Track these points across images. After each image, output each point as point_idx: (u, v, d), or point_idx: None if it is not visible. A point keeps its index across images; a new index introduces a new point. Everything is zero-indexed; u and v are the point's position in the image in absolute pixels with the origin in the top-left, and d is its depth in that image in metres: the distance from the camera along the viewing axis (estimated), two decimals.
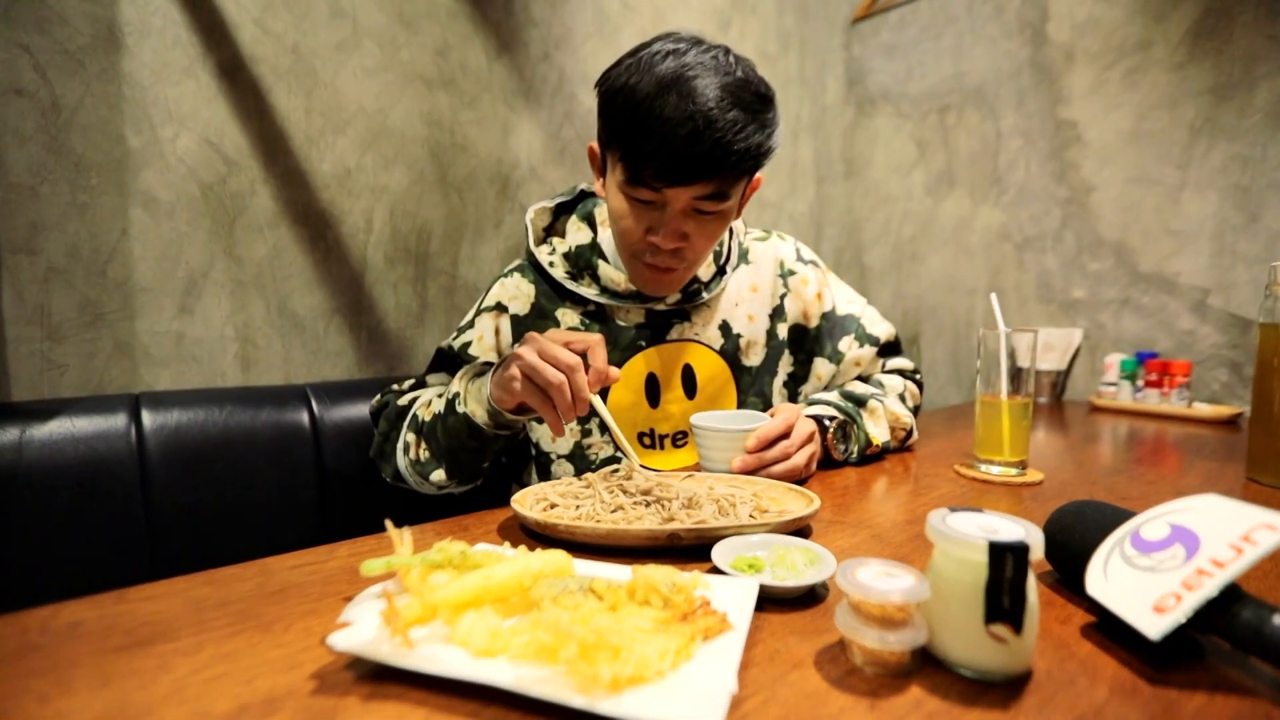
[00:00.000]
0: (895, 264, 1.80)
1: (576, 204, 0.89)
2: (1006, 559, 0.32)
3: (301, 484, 0.95)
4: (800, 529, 0.55)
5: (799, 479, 0.71)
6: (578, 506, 0.56)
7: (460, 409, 0.67)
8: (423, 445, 0.73)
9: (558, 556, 0.39)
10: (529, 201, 1.30)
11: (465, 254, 1.23)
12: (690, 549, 0.50)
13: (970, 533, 0.34)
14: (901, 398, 0.91)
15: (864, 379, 0.94)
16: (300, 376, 1.06)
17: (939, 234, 1.72)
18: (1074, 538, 0.43)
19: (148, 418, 0.86)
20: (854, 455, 0.80)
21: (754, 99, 0.67)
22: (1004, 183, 1.58)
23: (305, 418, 0.96)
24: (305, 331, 1.06)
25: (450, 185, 1.21)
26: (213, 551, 0.87)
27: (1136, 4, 1.37)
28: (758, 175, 0.81)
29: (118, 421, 0.84)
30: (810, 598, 0.43)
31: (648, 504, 0.54)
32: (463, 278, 1.23)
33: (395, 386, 0.86)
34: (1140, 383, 1.30)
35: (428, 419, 0.73)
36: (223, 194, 0.97)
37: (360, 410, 1.00)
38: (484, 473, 0.75)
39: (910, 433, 0.87)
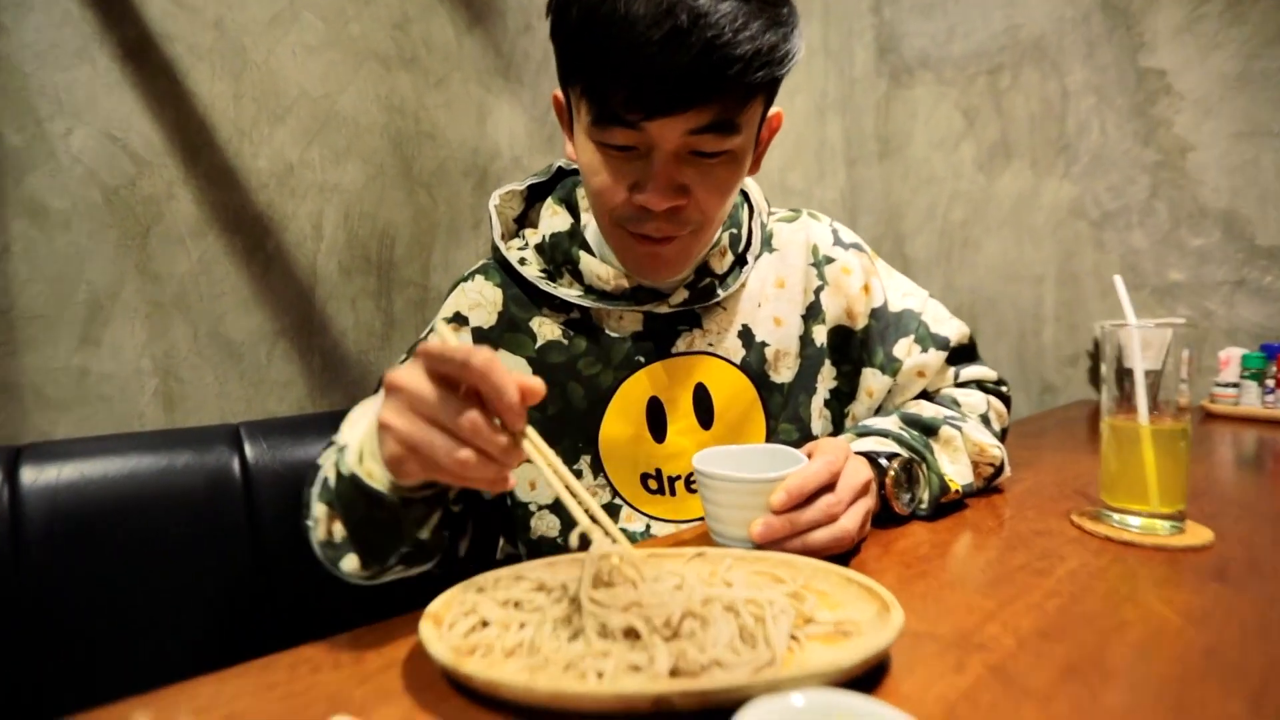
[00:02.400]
0: (944, 253, 1.57)
1: (553, 185, 0.70)
2: None
3: (230, 552, 0.77)
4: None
5: (848, 549, 0.50)
6: (521, 627, 0.37)
7: (347, 468, 0.45)
8: (336, 520, 0.51)
9: None
10: None
11: (437, 261, 1.05)
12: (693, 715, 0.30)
13: None
14: (985, 420, 0.69)
15: (930, 396, 0.72)
16: (239, 414, 0.89)
17: (995, 215, 1.48)
18: None
19: (29, 475, 0.69)
20: (924, 507, 0.59)
21: None
22: (1074, 150, 1.34)
23: (235, 465, 0.79)
24: (243, 360, 0.89)
25: (416, 180, 1.03)
26: (110, 653, 0.70)
27: None
28: (776, 109, 0.60)
29: None
30: None
31: (626, 630, 0.34)
32: (435, 289, 1.05)
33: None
34: (1271, 383, 1.05)
35: (334, 481, 0.52)
36: (132, 199, 0.81)
37: (311, 452, 0.82)
38: (424, 554, 0.54)
39: (999, 469, 0.65)
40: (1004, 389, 0.74)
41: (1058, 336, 1.40)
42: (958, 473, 0.61)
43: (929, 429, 0.62)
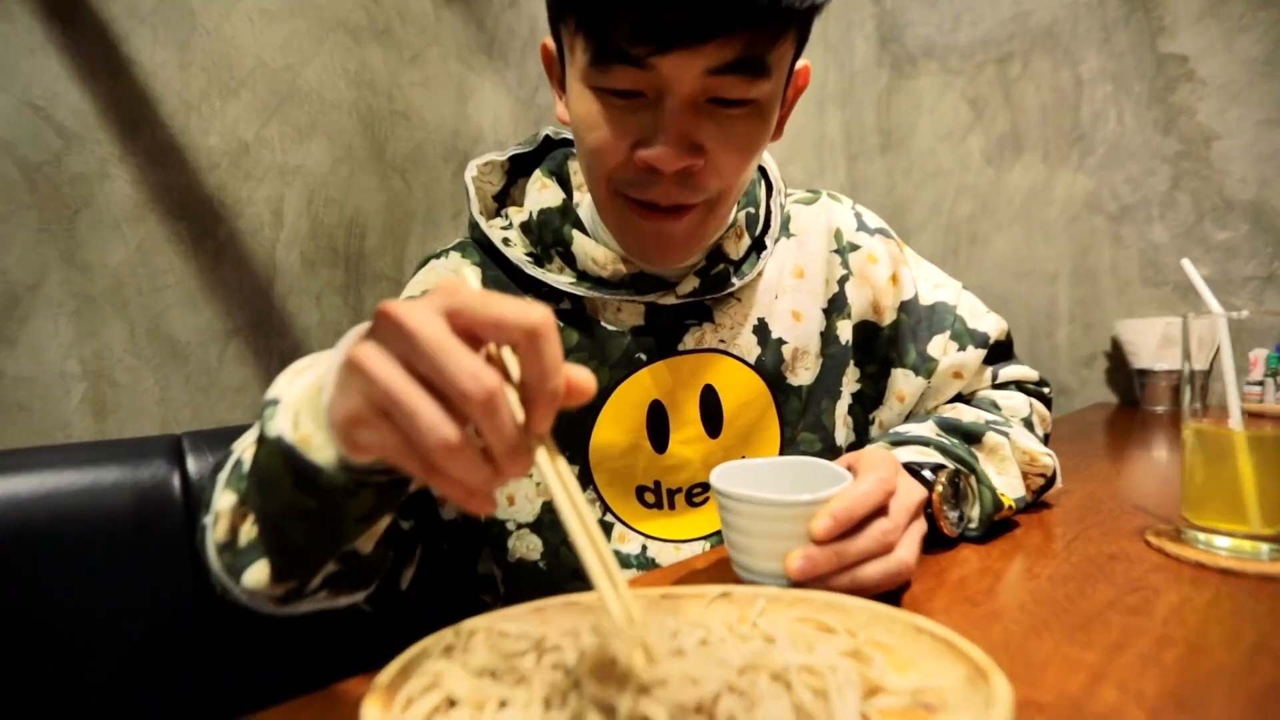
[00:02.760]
0: (951, 249, 1.50)
1: (540, 158, 0.61)
2: None
3: (165, 583, 0.67)
4: None
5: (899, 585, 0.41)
6: (502, 706, 0.27)
7: (274, 431, 0.33)
8: (246, 514, 0.39)
9: None
10: None
11: (413, 252, 0.96)
12: None
13: None
14: (1028, 425, 0.60)
15: (965, 399, 0.64)
16: (184, 423, 0.78)
17: (1005, 209, 1.41)
18: None
19: None
20: (974, 526, 0.50)
21: None
22: (1089, 140, 1.28)
23: (175, 481, 0.69)
24: (190, 361, 0.79)
25: (389, 164, 0.94)
26: (28, 698, 0.59)
27: None
28: (804, 61, 0.52)
29: None
30: None
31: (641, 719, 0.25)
32: None
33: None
34: None
35: (248, 463, 0.39)
36: (57, 178, 0.71)
37: None
38: (359, 575, 0.41)
39: (1051, 480, 0.57)
40: (1046, 390, 0.66)
41: (1073, 336, 1.33)
42: (1008, 485, 0.52)
43: (971, 436, 0.54)
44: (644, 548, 0.56)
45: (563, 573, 0.56)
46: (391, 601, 0.50)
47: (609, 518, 0.56)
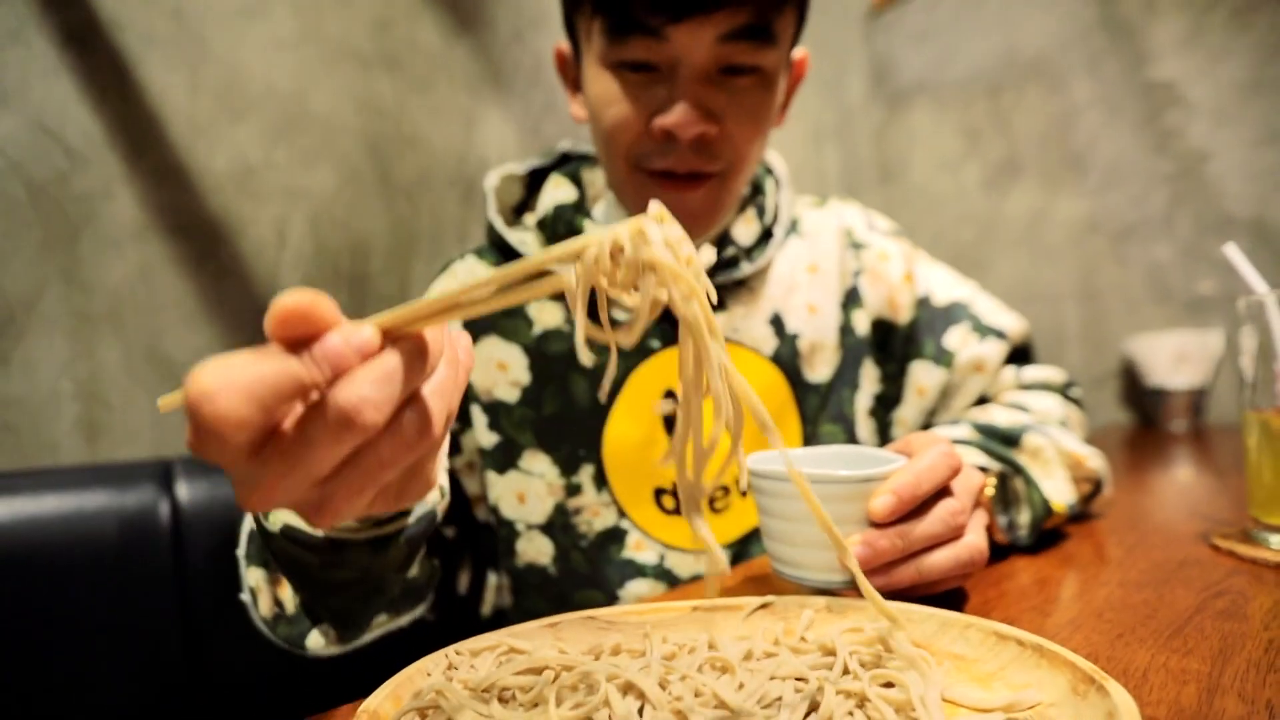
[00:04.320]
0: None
1: (556, 170, 0.61)
2: None
3: (151, 613, 0.62)
4: None
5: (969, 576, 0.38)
6: None
7: (276, 524, 0.33)
8: (282, 586, 0.39)
9: None
10: None
11: (419, 275, 0.95)
12: None
13: None
14: (1063, 427, 0.58)
15: (986, 401, 0.61)
16: (178, 447, 0.75)
17: (1006, 234, 1.42)
18: None
19: None
20: (1023, 534, 0.46)
21: None
22: (1086, 164, 1.29)
23: (163, 507, 0.65)
24: None
25: (396, 188, 0.94)
26: None
27: None
28: (801, 52, 0.55)
29: None
30: None
31: None
32: None
33: None
34: None
35: (257, 537, 0.40)
36: (62, 196, 0.70)
37: None
38: (414, 595, 0.42)
39: (1098, 486, 0.53)
40: (1074, 391, 0.62)
41: (1083, 357, 1.31)
42: (1056, 490, 0.48)
43: (1009, 439, 0.50)
44: (662, 557, 0.53)
45: (574, 580, 0.52)
46: (453, 606, 0.49)
47: (624, 524, 0.53)
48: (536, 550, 0.52)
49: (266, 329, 0.19)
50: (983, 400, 0.61)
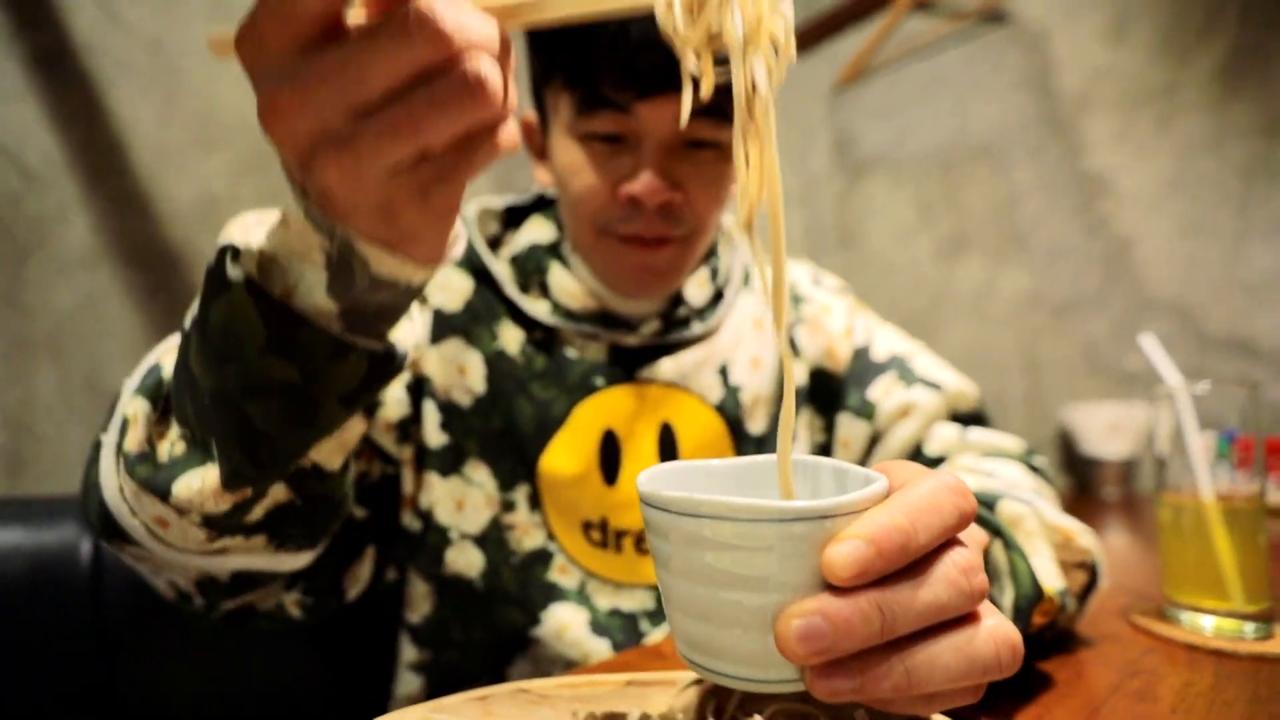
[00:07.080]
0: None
1: (533, 211, 0.62)
2: None
3: (68, 661, 0.58)
4: None
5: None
6: None
7: (238, 275, 0.27)
8: (167, 430, 0.33)
9: None
10: None
11: None
12: None
13: None
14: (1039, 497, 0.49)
15: (920, 451, 0.58)
16: None
17: (955, 304, 1.49)
18: None
19: None
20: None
21: None
22: (1027, 242, 1.38)
23: (83, 547, 0.62)
24: None
25: None
26: None
27: (1152, 48, 1.24)
28: None
29: None
30: None
31: None
32: None
33: None
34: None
35: (172, 362, 0.34)
36: (13, 218, 0.69)
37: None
38: (314, 512, 0.35)
39: (1094, 575, 0.41)
40: (1037, 460, 0.56)
41: (1025, 425, 1.37)
42: (1044, 571, 0.37)
43: (982, 504, 0.41)
44: (583, 584, 0.53)
45: (498, 596, 0.51)
46: (332, 613, 0.46)
47: (550, 546, 0.53)
48: (466, 562, 0.51)
49: None
50: (919, 453, 0.57)
